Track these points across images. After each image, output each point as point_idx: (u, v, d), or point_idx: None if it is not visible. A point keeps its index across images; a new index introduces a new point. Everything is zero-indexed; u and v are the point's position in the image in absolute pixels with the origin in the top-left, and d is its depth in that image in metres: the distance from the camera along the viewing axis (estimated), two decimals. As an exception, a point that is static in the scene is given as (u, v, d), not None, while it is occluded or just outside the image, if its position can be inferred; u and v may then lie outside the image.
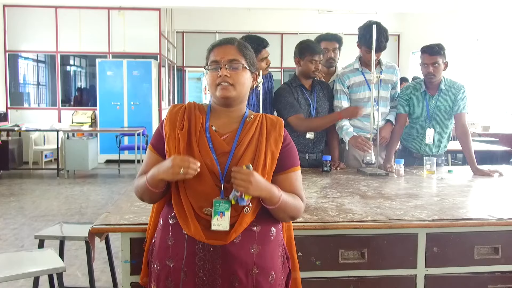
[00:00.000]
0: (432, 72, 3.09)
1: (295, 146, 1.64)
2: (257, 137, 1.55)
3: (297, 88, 3.19)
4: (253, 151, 1.52)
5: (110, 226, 1.81)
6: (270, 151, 1.53)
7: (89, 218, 5.31)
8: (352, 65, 3.32)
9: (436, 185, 2.69)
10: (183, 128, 1.54)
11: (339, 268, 1.90)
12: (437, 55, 3.06)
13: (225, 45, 1.58)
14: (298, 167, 1.61)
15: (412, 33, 11.21)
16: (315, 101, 3.20)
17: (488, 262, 1.97)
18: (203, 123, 1.56)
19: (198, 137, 1.53)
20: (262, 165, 1.51)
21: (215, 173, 1.49)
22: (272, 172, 1.54)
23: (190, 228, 1.46)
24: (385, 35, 3.10)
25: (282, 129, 1.59)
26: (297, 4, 9.14)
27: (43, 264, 2.32)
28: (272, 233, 1.57)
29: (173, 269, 1.51)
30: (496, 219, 1.94)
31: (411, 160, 3.31)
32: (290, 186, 1.57)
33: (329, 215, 1.96)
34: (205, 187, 1.48)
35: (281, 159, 1.55)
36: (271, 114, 1.67)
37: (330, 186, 2.59)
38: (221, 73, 1.52)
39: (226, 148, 1.52)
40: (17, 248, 4.23)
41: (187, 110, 1.58)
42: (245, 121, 1.58)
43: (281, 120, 1.62)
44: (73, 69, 11.21)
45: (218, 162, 1.50)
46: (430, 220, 1.92)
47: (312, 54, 3.10)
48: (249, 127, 1.56)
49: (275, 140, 1.55)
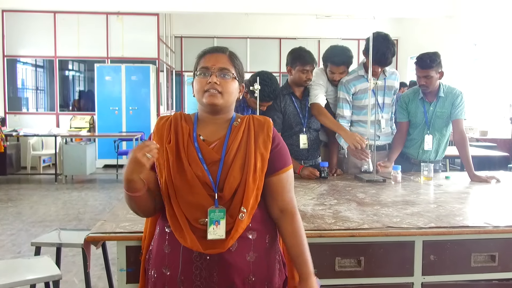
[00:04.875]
0: (425, 84, 3.10)
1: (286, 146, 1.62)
2: (245, 141, 1.54)
3: (287, 96, 3.16)
4: (242, 157, 1.51)
5: (105, 235, 1.81)
6: (259, 154, 1.52)
7: (87, 223, 5.30)
8: (356, 71, 3.26)
9: (433, 192, 2.69)
10: (170, 141, 1.53)
11: (335, 276, 1.90)
12: (428, 68, 3.05)
13: (217, 53, 1.58)
14: (290, 166, 1.59)
15: (410, 38, 11.24)
16: (307, 110, 3.17)
17: (485, 270, 1.97)
18: (191, 133, 1.55)
19: (187, 148, 1.51)
20: (253, 170, 1.50)
21: (207, 183, 1.48)
22: (263, 175, 1.53)
23: (187, 240, 1.46)
24: (392, 50, 3.05)
25: (270, 129, 1.57)
26: (296, 9, 9.15)
27: (39, 271, 2.31)
28: (268, 240, 1.57)
29: (170, 277, 1.50)
30: (493, 227, 1.94)
31: (408, 166, 3.31)
32: (282, 189, 1.56)
33: (325, 223, 1.96)
34: (198, 198, 1.47)
35: (272, 160, 1.54)
36: (258, 115, 1.65)
37: (327, 193, 2.59)
38: (211, 80, 1.51)
39: (215, 157, 1.51)
40: (14, 254, 4.22)
41: (173, 122, 1.57)
42: (232, 126, 1.57)
43: (268, 120, 1.60)
44: (72, 74, 11.22)
45: (209, 171, 1.49)
46: (426, 228, 1.91)
47: (303, 65, 3.05)
48: (237, 132, 1.55)
49: (264, 142, 1.54)
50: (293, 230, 1.55)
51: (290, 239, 1.55)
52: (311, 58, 3.08)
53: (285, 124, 3.14)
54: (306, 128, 3.15)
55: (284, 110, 3.13)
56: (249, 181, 1.49)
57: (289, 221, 1.55)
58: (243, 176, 1.49)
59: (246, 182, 1.48)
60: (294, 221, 1.56)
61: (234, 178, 1.49)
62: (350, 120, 3.28)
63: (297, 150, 3.14)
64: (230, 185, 1.48)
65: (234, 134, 1.55)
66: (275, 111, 3.10)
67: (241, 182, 1.49)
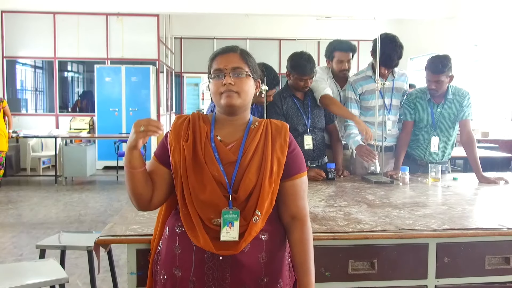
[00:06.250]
0: (435, 89, 3.07)
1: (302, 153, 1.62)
2: (263, 144, 1.53)
3: (288, 99, 3.13)
4: (259, 159, 1.50)
5: (116, 237, 1.78)
6: (276, 158, 1.51)
7: (89, 225, 5.26)
8: (364, 71, 3.27)
9: (442, 193, 2.67)
10: (188, 139, 1.52)
11: (349, 279, 1.87)
12: (440, 73, 3.02)
13: (228, 53, 1.57)
14: (305, 173, 1.59)
15: (411, 39, 11.19)
16: (310, 110, 3.14)
17: (499, 272, 1.95)
18: (208, 133, 1.54)
19: (204, 148, 1.51)
20: (269, 173, 1.48)
21: (222, 183, 1.47)
22: (279, 179, 1.51)
23: (199, 239, 1.44)
24: (399, 52, 3.04)
25: (287, 134, 1.57)
26: (296, 10, 9.13)
27: (45, 275, 2.29)
28: (280, 241, 1.55)
29: (181, 278, 1.49)
30: (508, 229, 1.92)
31: (415, 168, 3.28)
32: (295, 195, 1.54)
33: (338, 225, 1.93)
34: (213, 198, 1.46)
35: (288, 165, 1.53)
36: (276, 120, 1.64)
37: (336, 195, 2.56)
38: (225, 81, 1.50)
39: (232, 158, 1.50)
40: (16, 257, 4.18)
41: (191, 121, 1.56)
42: (249, 128, 1.56)
43: (286, 125, 1.60)
44: (71, 75, 11.18)
45: (224, 172, 1.48)
46: (440, 230, 1.89)
47: (301, 75, 3.02)
48: (254, 135, 1.54)
49: (280, 146, 1.53)
50: (301, 238, 1.53)
51: (297, 247, 1.53)
52: (310, 70, 3.01)
53: (289, 127, 3.10)
54: (310, 128, 3.13)
55: (286, 112, 3.10)
56: (265, 184, 1.47)
57: (299, 229, 1.54)
58: (258, 179, 1.48)
59: (262, 185, 1.47)
60: (303, 229, 1.54)
61: (250, 180, 1.47)
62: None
63: (303, 151, 3.10)
64: (245, 187, 1.47)
65: (251, 137, 1.54)
66: (277, 114, 3.07)
67: (256, 184, 1.48)
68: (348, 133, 3.19)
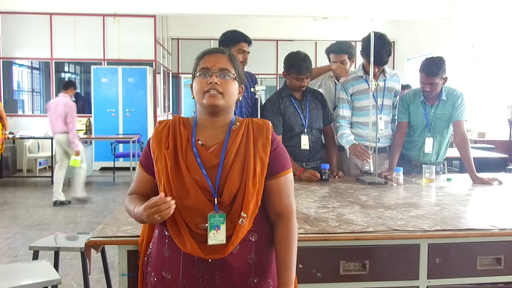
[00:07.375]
0: (429, 91, 3.08)
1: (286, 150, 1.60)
2: (244, 145, 1.52)
3: (286, 98, 3.14)
4: (241, 161, 1.49)
5: (107, 239, 1.78)
6: (259, 158, 1.50)
7: (84, 227, 5.26)
8: (355, 72, 3.30)
9: (435, 194, 2.67)
10: (168, 147, 1.51)
11: (340, 280, 1.87)
12: (434, 76, 3.02)
13: (217, 53, 1.56)
14: (289, 170, 1.57)
15: (408, 40, 11.26)
16: (308, 110, 3.15)
17: (490, 273, 1.95)
18: (189, 138, 1.53)
19: (185, 153, 1.50)
20: (253, 174, 1.48)
21: (206, 188, 1.47)
22: (263, 179, 1.50)
23: (187, 246, 1.44)
24: (388, 49, 3.05)
25: (269, 132, 1.55)
26: (293, 11, 9.13)
27: (38, 276, 2.28)
28: (269, 241, 1.55)
29: (171, 281, 1.49)
30: (499, 229, 1.92)
31: (409, 168, 3.28)
32: (280, 193, 1.53)
33: (329, 226, 1.93)
34: (197, 203, 1.45)
35: (271, 163, 1.52)
36: (258, 118, 1.63)
37: (329, 195, 2.56)
38: (212, 80, 1.49)
39: (214, 162, 1.49)
40: (10, 258, 4.17)
41: (171, 126, 1.55)
42: (231, 130, 1.55)
43: (268, 123, 1.58)
44: (68, 76, 11.16)
45: (208, 176, 1.47)
46: (432, 231, 1.89)
47: (298, 74, 3.03)
48: (235, 136, 1.53)
49: (263, 145, 1.52)
50: (285, 235, 1.52)
51: (280, 244, 1.52)
52: (306, 69, 3.03)
53: (286, 126, 3.12)
54: (308, 128, 3.13)
55: (283, 112, 3.11)
56: (249, 185, 1.47)
57: (283, 226, 1.53)
58: (242, 181, 1.47)
59: (246, 187, 1.46)
60: (288, 227, 1.53)
61: (233, 182, 1.47)
62: (350, 122, 3.27)
63: (299, 151, 3.12)
64: (229, 190, 1.46)
65: (233, 138, 1.53)
66: (275, 114, 3.08)
67: (240, 187, 1.47)
68: (340, 134, 3.19)
